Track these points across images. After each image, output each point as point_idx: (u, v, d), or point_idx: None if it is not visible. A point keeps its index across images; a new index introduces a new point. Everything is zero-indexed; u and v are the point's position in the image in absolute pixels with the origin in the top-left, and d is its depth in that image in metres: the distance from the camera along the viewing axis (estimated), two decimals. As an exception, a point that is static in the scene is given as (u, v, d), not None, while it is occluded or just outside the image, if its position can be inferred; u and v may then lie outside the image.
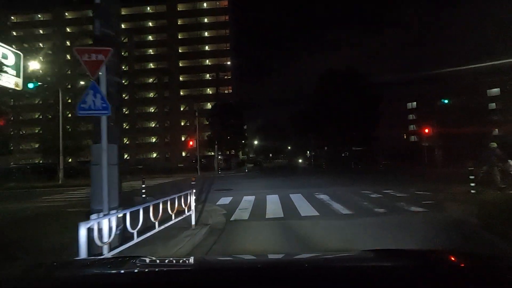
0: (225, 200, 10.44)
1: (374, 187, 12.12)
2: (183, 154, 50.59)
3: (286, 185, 14.89)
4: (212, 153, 33.62)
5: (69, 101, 54.24)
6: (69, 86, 52.60)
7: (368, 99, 32.82)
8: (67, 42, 42.65)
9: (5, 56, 6.84)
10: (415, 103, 65.37)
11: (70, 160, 52.33)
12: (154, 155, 53.90)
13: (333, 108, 34.00)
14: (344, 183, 14.57)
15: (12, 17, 49.87)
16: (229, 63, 52.57)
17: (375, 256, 1.48)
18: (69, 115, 55.54)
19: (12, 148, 32.09)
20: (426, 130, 27.23)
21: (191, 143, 29.32)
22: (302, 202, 9.21)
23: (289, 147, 76.12)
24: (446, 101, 25.40)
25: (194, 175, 27.58)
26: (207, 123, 38.45)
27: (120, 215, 4.16)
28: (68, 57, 30.31)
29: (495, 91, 53.98)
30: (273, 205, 8.90)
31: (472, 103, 46.32)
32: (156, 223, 4.70)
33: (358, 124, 33.45)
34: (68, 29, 52.25)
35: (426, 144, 41.66)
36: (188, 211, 6.31)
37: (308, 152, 52.71)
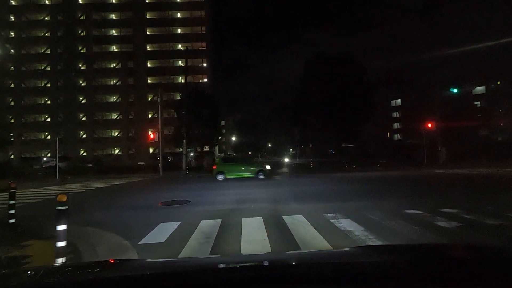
0: (163, 232, 5.43)
1: (417, 202, 7.57)
2: (150, 150, 44.28)
3: (272, 194, 9.97)
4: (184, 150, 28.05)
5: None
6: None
7: (361, 88, 28.70)
8: None
9: None
10: (399, 100, 63.27)
11: (12, 156, 44.29)
12: (116, 151, 46.95)
13: (321, 99, 29.65)
14: (359, 193, 9.92)
15: None
16: (204, 48, 46.71)
17: (368, 252, 1.45)
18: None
19: None
20: (429, 125, 23.63)
21: (151, 136, 23.54)
22: (316, 243, 4.33)
23: (269, 145, 71.63)
24: (455, 90, 21.71)
25: (153, 176, 22.04)
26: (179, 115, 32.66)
27: None
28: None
29: (481, 89, 52.84)
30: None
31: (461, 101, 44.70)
32: None
33: (349, 117, 29.30)
34: None
35: (413, 142, 39.30)
36: None
37: (291, 149, 48.37)
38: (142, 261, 1.47)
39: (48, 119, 46.14)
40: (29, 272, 1.25)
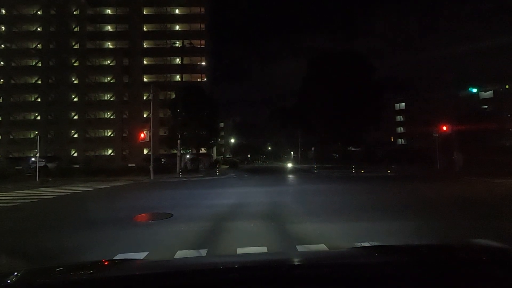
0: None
1: (481, 224, 5.58)
2: (145, 152, 42.25)
3: (276, 206, 7.99)
4: (181, 151, 26.09)
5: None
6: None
7: (369, 87, 26.84)
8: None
9: None
10: (403, 104, 61.54)
11: (-1, 156, 42.19)
12: (109, 152, 44.86)
13: (325, 100, 27.79)
14: (391, 207, 7.89)
15: None
16: (203, 46, 44.87)
17: (367, 252, 1.43)
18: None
19: None
20: (444, 128, 21.80)
21: (142, 136, 21.53)
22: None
23: (269, 148, 69.63)
24: (474, 90, 19.91)
25: (143, 180, 20.03)
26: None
27: None
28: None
29: (488, 93, 51.14)
30: None
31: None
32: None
33: (355, 119, 27.42)
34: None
35: (422, 146, 37.66)
36: None
37: (292, 152, 46.47)
38: (142, 261, 1.42)
39: (38, 118, 44.10)
40: (28, 272, 1.21)
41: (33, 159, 36.38)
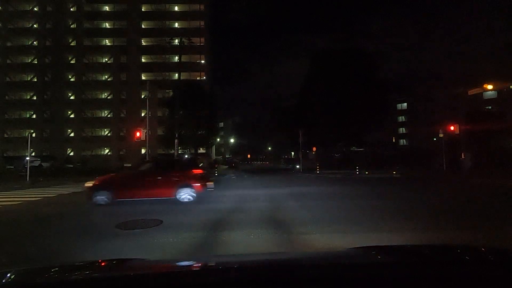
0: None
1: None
2: (143, 151, 41.41)
3: (280, 212, 7.14)
4: (179, 151, 25.22)
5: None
6: None
7: (374, 86, 26.00)
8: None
9: None
10: (405, 104, 60.70)
11: (-7, 154, 41.30)
12: (106, 151, 43.96)
13: (328, 98, 26.98)
14: (408, 212, 7.01)
15: None
16: (203, 44, 44.00)
17: (366, 253, 1.43)
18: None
19: None
20: (452, 128, 21.00)
21: (138, 134, 20.68)
22: None
23: (269, 148, 68.80)
24: (490, 87, 19.16)
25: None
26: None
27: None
28: None
29: (492, 93, 50.29)
30: None
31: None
32: None
33: (359, 118, 26.58)
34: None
35: (427, 147, 36.90)
36: None
37: (293, 153, 45.65)
38: (142, 261, 1.43)
39: (34, 116, 43.21)
40: (24, 272, 1.20)
41: (27, 158, 35.57)
